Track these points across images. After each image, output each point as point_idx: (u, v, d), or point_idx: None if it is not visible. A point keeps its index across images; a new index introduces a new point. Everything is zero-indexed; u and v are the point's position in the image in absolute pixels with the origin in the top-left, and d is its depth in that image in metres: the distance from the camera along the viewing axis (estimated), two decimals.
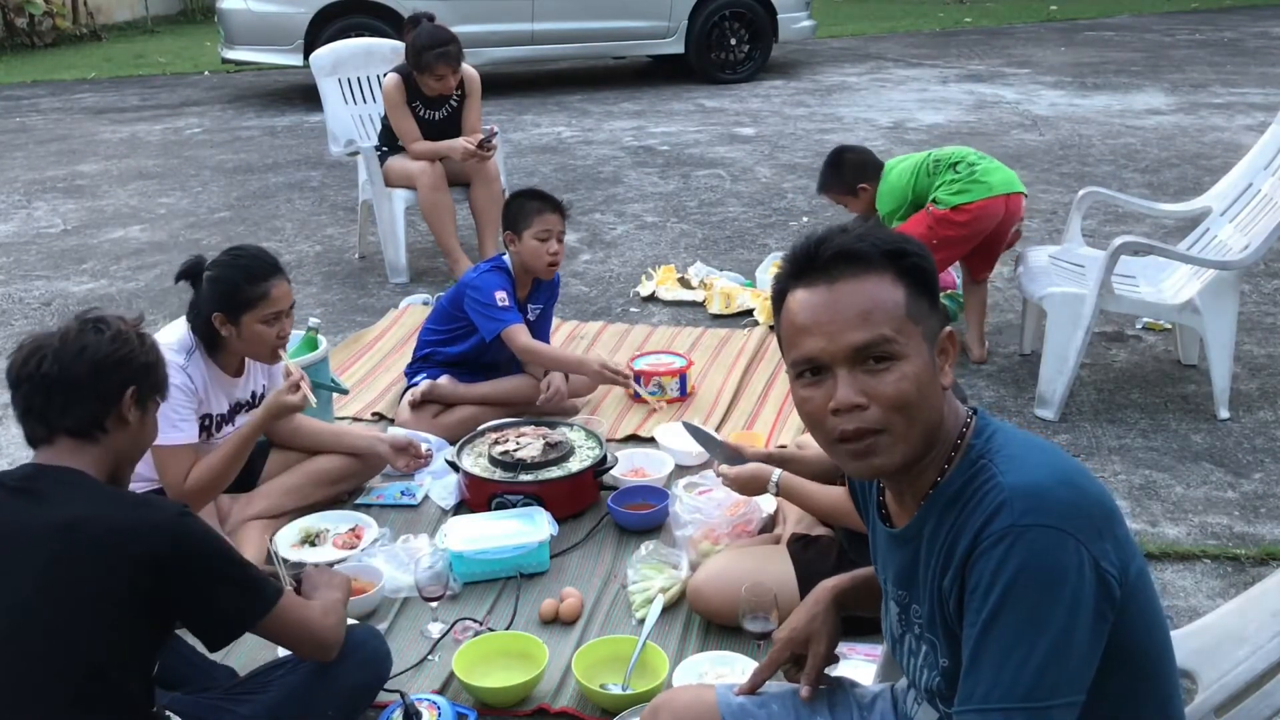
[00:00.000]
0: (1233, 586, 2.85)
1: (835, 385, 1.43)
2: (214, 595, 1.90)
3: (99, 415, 1.95)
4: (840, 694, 1.81)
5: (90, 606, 1.78)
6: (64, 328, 1.99)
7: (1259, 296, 4.79)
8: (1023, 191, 4.09)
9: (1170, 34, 12.68)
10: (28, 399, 1.95)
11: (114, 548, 1.80)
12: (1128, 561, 1.39)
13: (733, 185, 6.87)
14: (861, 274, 1.44)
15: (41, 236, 6.22)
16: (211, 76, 11.44)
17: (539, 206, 3.70)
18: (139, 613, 1.82)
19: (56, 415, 1.93)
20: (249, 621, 1.95)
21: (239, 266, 2.91)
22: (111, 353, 1.96)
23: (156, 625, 1.88)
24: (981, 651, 1.35)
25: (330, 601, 2.19)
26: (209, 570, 1.89)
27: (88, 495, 1.88)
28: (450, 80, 4.99)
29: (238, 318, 2.89)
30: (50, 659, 1.76)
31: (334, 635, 2.11)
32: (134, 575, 1.80)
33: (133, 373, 1.99)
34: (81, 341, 1.95)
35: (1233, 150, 6.94)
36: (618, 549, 3.09)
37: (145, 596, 1.81)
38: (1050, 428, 3.71)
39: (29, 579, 1.79)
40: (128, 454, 2.03)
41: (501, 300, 3.70)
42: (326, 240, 6.00)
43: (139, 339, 2.03)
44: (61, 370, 1.92)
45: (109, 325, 2.00)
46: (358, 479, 3.36)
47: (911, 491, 1.52)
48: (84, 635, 1.78)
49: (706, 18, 9.85)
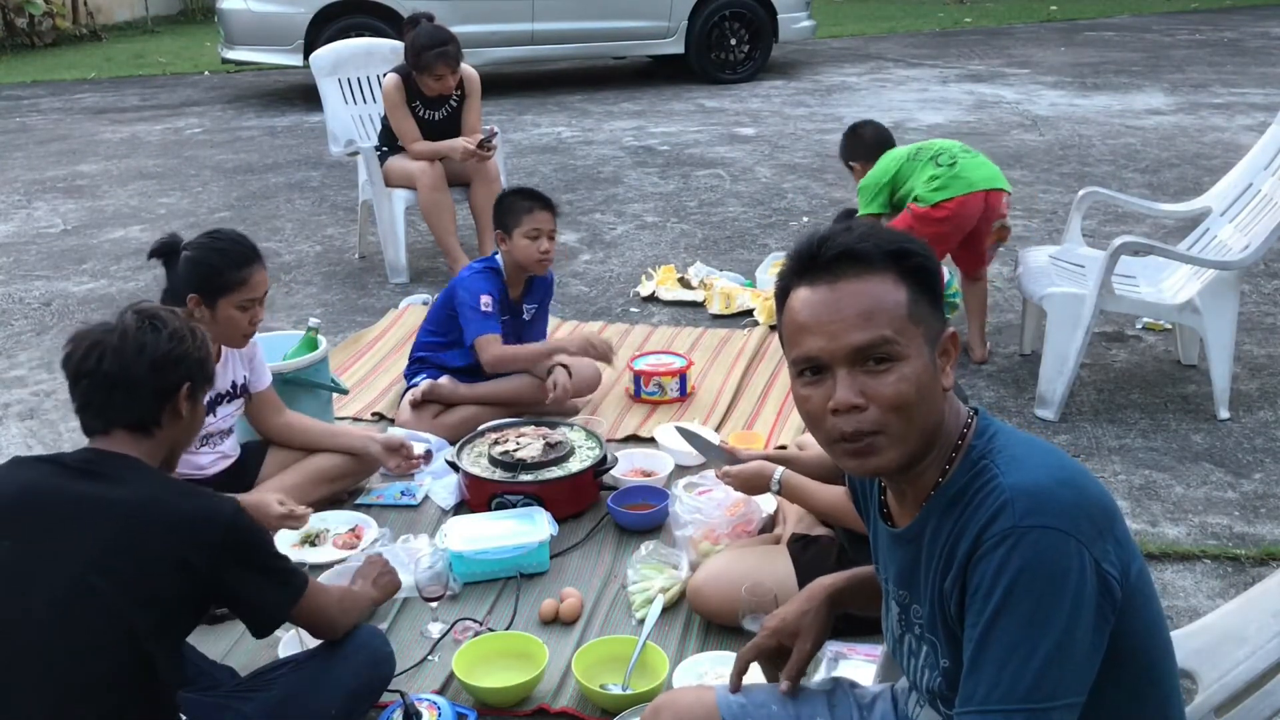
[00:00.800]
0: (1233, 586, 2.85)
1: (835, 385, 1.43)
2: (261, 586, 2.00)
3: (155, 412, 2.01)
4: (840, 694, 1.81)
5: (143, 584, 1.85)
6: (121, 323, 2.03)
7: (1259, 296, 4.79)
8: (1006, 189, 4.07)
9: (1170, 34, 12.69)
10: (86, 394, 2.00)
11: (173, 532, 1.88)
12: (1128, 562, 1.40)
13: (733, 185, 6.87)
14: (864, 274, 1.44)
15: (41, 236, 6.22)
16: (211, 76, 11.44)
17: (529, 205, 3.71)
18: (186, 595, 1.89)
19: (116, 411, 1.99)
20: (288, 609, 2.06)
21: (219, 250, 2.91)
22: (169, 351, 2.02)
23: (198, 609, 1.96)
24: (982, 652, 1.35)
25: (357, 594, 2.36)
26: (257, 563, 1.99)
27: (150, 480, 1.96)
28: (449, 80, 4.99)
29: (214, 301, 2.88)
30: (99, 631, 1.81)
31: (345, 621, 2.24)
32: (188, 558, 1.87)
33: (189, 369, 2.06)
34: (141, 340, 2.00)
35: (1233, 150, 6.94)
36: (618, 549, 3.09)
37: (194, 580, 1.88)
38: (1050, 428, 3.71)
39: (89, 551, 1.84)
40: (180, 442, 2.11)
41: (485, 305, 3.69)
42: (326, 240, 6.00)
43: (192, 334, 2.09)
44: (121, 368, 1.98)
45: (165, 323, 2.05)
46: (356, 477, 3.36)
47: (913, 491, 1.52)
48: (132, 611, 1.83)
49: (706, 18, 9.85)
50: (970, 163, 4.03)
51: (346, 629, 2.24)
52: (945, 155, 4.04)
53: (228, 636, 2.69)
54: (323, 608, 2.15)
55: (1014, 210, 6.11)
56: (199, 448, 3.05)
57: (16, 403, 4.14)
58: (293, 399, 3.40)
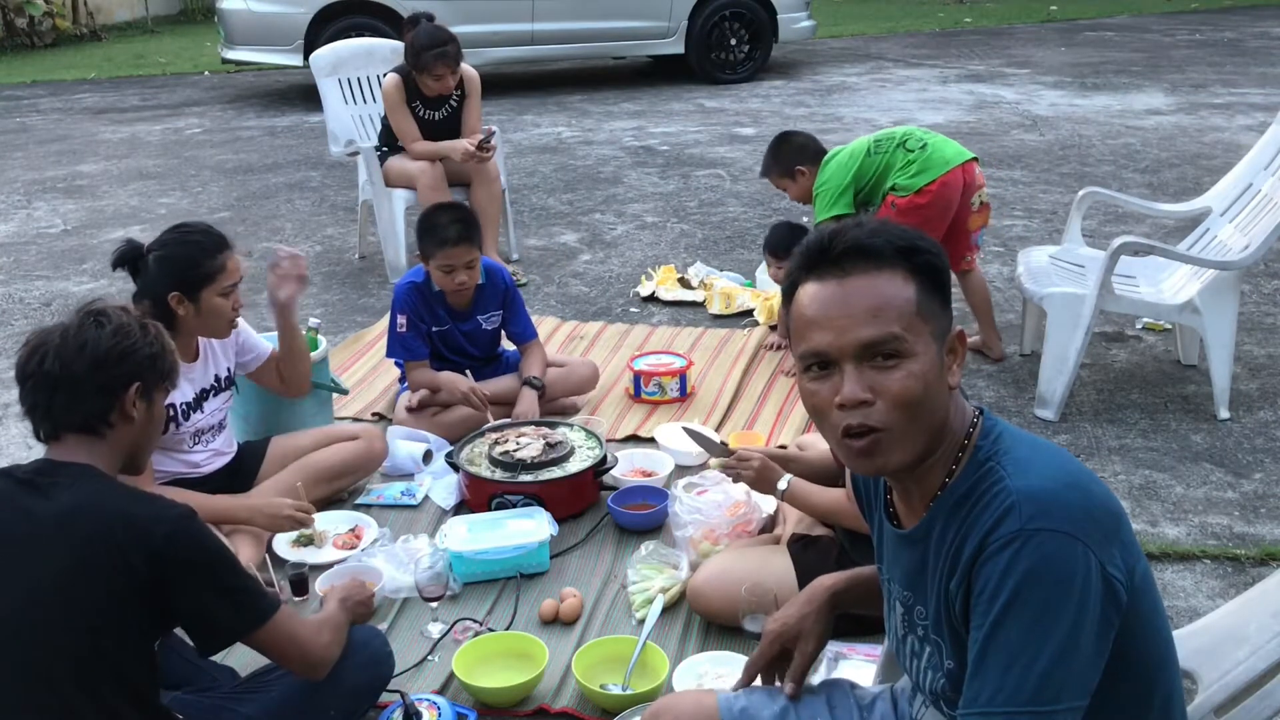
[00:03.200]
0: (1233, 586, 2.85)
1: (842, 380, 1.42)
2: (209, 602, 1.87)
3: (103, 411, 1.93)
4: (840, 695, 1.81)
5: (88, 589, 1.77)
6: (66, 323, 1.96)
7: (1259, 296, 4.79)
8: (975, 157, 4.05)
9: (1170, 34, 12.68)
10: (33, 397, 1.93)
11: (111, 533, 1.79)
12: (1133, 565, 1.39)
13: (733, 185, 6.87)
14: (873, 270, 1.43)
15: (41, 236, 6.22)
16: (211, 76, 11.44)
17: (442, 239, 3.52)
18: (128, 599, 1.80)
19: (60, 413, 1.92)
20: (241, 632, 1.92)
21: (192, 243, 2.88)
22: (112, 348, 1.93)
23: (151, 618, 1.86)
24: (987, 655, 1.35)
25: (330, 617, 2.16)
26: (205, 575, 1.86)
27: (93, 488, 1.86)
28: (449, 80, 4.99)
29: (196, 294, 2.86)
30: (53, 645, 1.76)
31: (324, 654, 2.07)
32: (128, 560, 1.78)
33: (136, 366, 1.96)
34: (82, 337, 1.93)
35: (1233, 150, 6.94)
36: (618, 549, 3.09)
37: (136, 584, 1.79)
38: (1050, 428, 3.71)
39: (31, 571, 1.78)
40: (139, 444, 2.01)
41: (400, 326, 3.63)
42: (326, 240, 6.00)
43: (142, 330, 2.00)
44: (63, 368, 1.90)
45: (110, 318, 1.96)
46: (355, 475, 3.36)
47: (919, 492, 1.51)
48: (83, 620, 1.77)
49: (706, 18, 9.85)
50: (938, 141, 4.02)
51: (325, 664, 2.07)
52: (912, 140, 4.00)
53: None
54: (293, 638, 1.99)
55: (1014, 210, 6.13)
56: (191, 445, 3.04)
57: (16, 403, 4.12)
58: (293, 399, 3.41)
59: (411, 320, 3.65)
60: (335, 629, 2.14)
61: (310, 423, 3.52)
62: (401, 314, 3.64)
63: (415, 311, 3.66)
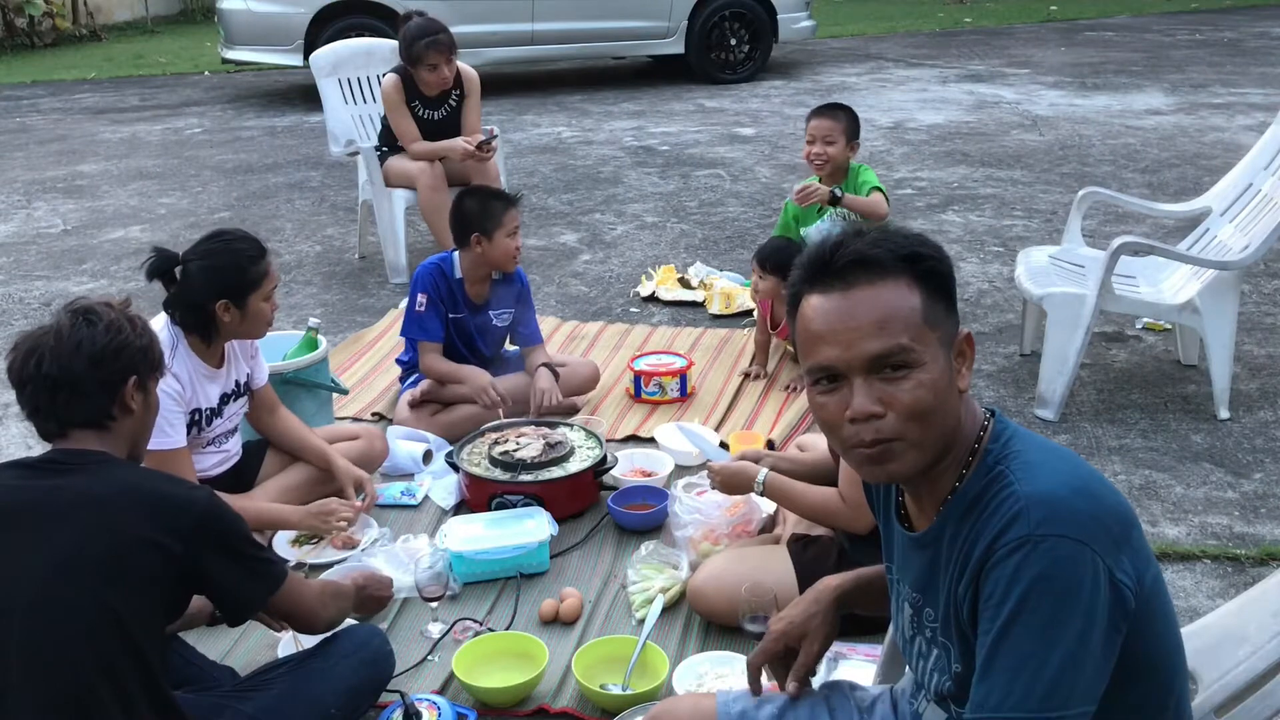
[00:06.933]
0: (1233, 586, 2.85)
1: (851, 393, 1.41)
2: (236, 572, 1.97)
3: (105, 406, 1.99)
4: (840, 698, 1.80)
5: (120, 568, 1.83)
6: (56, 324, 2.00)
7: (1259, 296, 4.79)
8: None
9: (1170, 34, 12.68)
10: (34, 400, 1.98)
11: (149, 515, 1.86)
12: (1143, 571, 1.39)
13: (733, 185, 6.87)
14: (877, 280, 1.42)
15: (41, 236, 6.22)
16: (211, 76, 11.44)
17: (503, 205, 3.66)
18: (162, 579, 1.87)
19: (65, 412, 1.97)
20: (265, 597, 2.03)
21: (237, 250, 2.90)
22: (107, 344, 1.98)
23: (175, 595, 1.94)
24: (995, 660, 1.35)
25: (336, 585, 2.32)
26: (234, 550, 1.97)
27: (122, 469, 1.95)
28: (444, 70, 4.97)
29: (244, 299, 2.89)
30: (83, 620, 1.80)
31: (325, 614, 2.20)
32: (163, 542, 1.85)
33: (131, 359, 2.02)
34: (76, 337, 1.97)
35: (1233, 150, 6.94)
36: (618, 549, 3.09)
37: (170, 564, 1.86)
38: (1050, 428, 3.71)
39: (67, 540, 1.82)
40: (139, 433, 2.09)
41: (420, 304, 3.67)
42: (326, 240, 6.00)
43: (130, 323, 2.05)
44: (62, 369, 1.94)
45: (100, 316, 2.01)
46: None
47: (930, 495, 1.51)
48: (113, 596, 1.81)
49: (706, 18, 9.84)
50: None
51: (328, 621, 2.22)
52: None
53: (228, 636, 2.69)
54: (302, 598, 2.12)
55: (1014, 210, 6.13)
56: (205, 448, 3.05)
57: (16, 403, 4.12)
58: (293, 399, 3.41)
59: (432, 299, 3.69)
60: (337, 595, 2.26)
61: (310, 423, 3.51)
62: (423, 292, 3.68)
63: (436, 292, 3.69)
